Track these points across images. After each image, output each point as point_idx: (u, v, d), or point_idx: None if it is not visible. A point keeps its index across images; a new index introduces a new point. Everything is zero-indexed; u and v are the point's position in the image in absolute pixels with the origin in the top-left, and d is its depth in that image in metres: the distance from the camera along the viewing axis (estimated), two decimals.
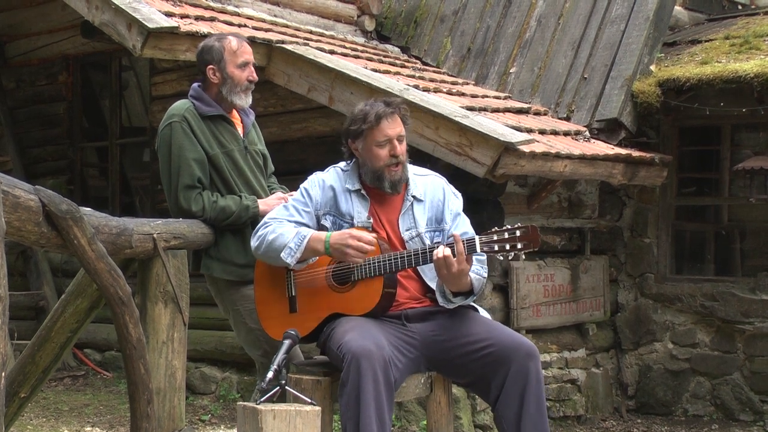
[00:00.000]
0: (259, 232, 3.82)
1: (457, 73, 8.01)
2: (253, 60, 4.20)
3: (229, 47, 4.11)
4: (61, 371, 8.16)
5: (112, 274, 3.08)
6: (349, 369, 3.42)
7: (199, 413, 7.00)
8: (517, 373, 3.59)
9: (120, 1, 6.16)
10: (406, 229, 3.79)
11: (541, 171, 6.12)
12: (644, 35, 7.19)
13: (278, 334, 3.70)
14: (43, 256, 8.71)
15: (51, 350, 3.53)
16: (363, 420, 3.39)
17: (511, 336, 3.72)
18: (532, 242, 3.51)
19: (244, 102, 4.16)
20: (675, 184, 7.51)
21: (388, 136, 3.71)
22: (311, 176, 3.91)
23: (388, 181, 3.75)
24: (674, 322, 7.35)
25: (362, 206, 3.79)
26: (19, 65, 9.43)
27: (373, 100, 3.82)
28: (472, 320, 3.76)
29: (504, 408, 3.62)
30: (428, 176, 3.93)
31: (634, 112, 7.10)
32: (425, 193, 3.84)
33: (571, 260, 7.16)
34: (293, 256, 3.69)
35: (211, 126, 4.08)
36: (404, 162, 3.77)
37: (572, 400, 7.07)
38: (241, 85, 4.12)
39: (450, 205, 3.86)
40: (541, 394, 3.62)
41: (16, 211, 2.71)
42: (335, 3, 8.47)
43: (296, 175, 6.99)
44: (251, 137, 4.25)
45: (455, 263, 3.53)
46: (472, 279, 3.68)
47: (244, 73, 4.12)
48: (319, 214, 3.83)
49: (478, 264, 3.72)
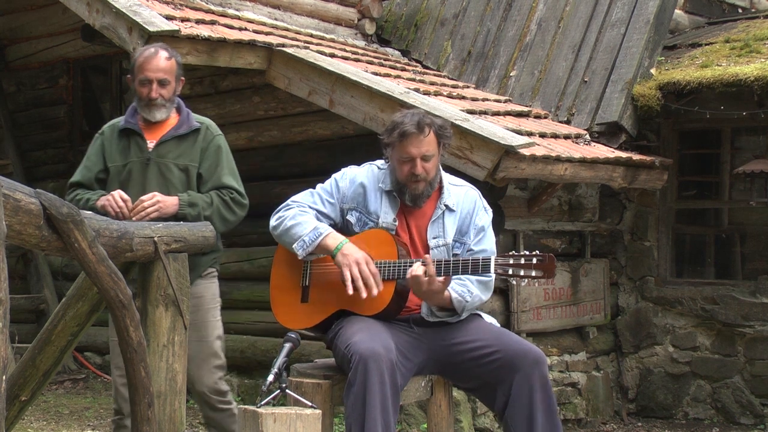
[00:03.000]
0: (280, 212, 3.84)
1: (457, 76, 8.02)
2: (160, 77, 4.11)
3: (137, 61, 4.14)
4: (61, 374, 8.16)
5: (113, 278, 3.07)
6: (356, 370, 3.42)
7: (199, 416, 6.99)
8: (525, 379, 3.60)
9: (121, 4, 6.17)
10: (433, 237, 3.78)
11: (541, 174, 6.12)
12: (644, 39, 7.19)
13: (287, 321, 3.74)
14: (43, 259, 8.71)
15: (52, 353, 3.51)
16: (368, 422, 3.39)
17: (519, 342, 3.72)
18: (546, 272, 3.51)
19: (150, 116, 4.15)
20: (675, 187, 7.51)
21: (410, 155, 3.69)
22: (345, 168, 3.91)
23: (409, 194, 3.76)
24: (675, 325, 7.35)
25: (391, 207, 3.79)
26: (19, 68, 9.44)
27: (411, 114, 3.77)
28: (479, 326, 3.77)
29: (513, 415, 3.62)
30: (463, 187, 3.92)
31: (634, 115, 7.10)
32: (458, 204, 3.83)
33: (572, 263, 7.15)
34: (305, 249, 3.70)
35: (123, 139, 4.19)
36: (427, 180, 3.74)
37: (573, 403, 7.06)
38: (142, 100, 4.15)
39: (476, 219, 3.84)
40: (551, 401, 3.62)
41: (17, 215, 2.69)
42: (336, 6, 8.48)
43: (296, 178, 7.06)
44: (163, 150, 4.16)
45: (425, 283, 3.54)
46: (452, 298, 3.68)
47: (143, 89, 4.12)
48: (345, 207, 3.83)
49: (465, 286, 3.72)
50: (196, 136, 4.17)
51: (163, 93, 4.11)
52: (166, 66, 4.13)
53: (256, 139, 7.44)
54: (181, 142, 4.15)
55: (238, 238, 7.34)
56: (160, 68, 4.11)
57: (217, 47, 6.36)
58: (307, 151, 7.20)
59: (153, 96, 4.09)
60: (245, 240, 7.26)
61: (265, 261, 4.13)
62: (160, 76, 4.09)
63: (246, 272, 7.39)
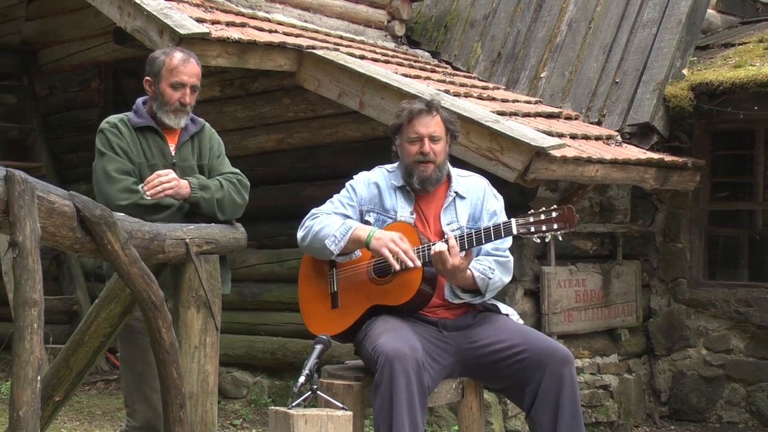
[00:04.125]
0: (306, 223, 3.88)
1: (487, 77, 7.99)
2: (194, 83, 3.96)
3: (169, 63, 3.92)
4: (94, 375, 8.20)
5: (145, 279, 3.08)
6: (382, 371, 3.44)
7: (231, 418, 7.01)
8: (552, 378, 3.60)
9: (152, 7, 6.19)
10: (447, 223, 3.83)
11: (572, 176, 6.09)
12: (676, 39, 7.13)
13: (320, 331, 3.73)
14: (76, 260, 8.77)
15: (85, 354, 3.53)
16: (396, 422, 3.40)
17: (546, 342, 3.73)
18: (568, 222, 3.57)
19: (173, 122, 3.94)
20: (708, 188, 7.44)
21: (419, 133, 3.77)
22: (357, 175, 3.99)
23: (417, 177, 3.80)
24: (708, 327, 7.28)
25: (406, 202, 3.85)
26: (52, 72, 9.52)
27: (418, 101, 3.91)
28: (506, 326, 3.77)
29: (539, 414, 3.63)
30: (471, 177, 4.01)
31: (666, 116, 7.04)
32: (468, 191, 3.89)
33: (603, 265, 7.11)
34: (337, 244, 3.72)
35: (140, 138, 3.96)
36: (437, 162, 3.79)
37: (604, 406, 7.01)
38: (170, 105, 3.92)
39: (488, 205, 3.89)
40: (576, 400, 3.63)
41: (51, 217, 2.71)
42: (365, 8, 8.47)
43: (326, 180, 7.05)
44: (184, 153, 4.02)
45: (449, 258, 3.56)
46: (474, 277, 3.70)
47: (176, 93, 3.91)
48: (363, 210, 3.88)
49: (486, 264, 3.74)
50: (202, 134, 4.10)
51: (192, 100, 4.01)
52: (198, 72, 4.03)
53: (286, 141, 7.45)
54: (193, 141, 4.06)
55: (268, 240, 7.36)
56: (194, 73, 3.98)
57: (248, 49, 6.37)
58: (337, 153, 7.20)
59: (187, 101, 3.94)
60: (275, 242, 7.28)
61: (296, 263, 4.13)
62: (194, 81, 3.97)
63: (276, 274, 7.40)
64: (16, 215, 2.51)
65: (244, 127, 7.50)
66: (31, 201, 2.54)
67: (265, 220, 7.13)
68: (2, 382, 7.96)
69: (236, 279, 7.16)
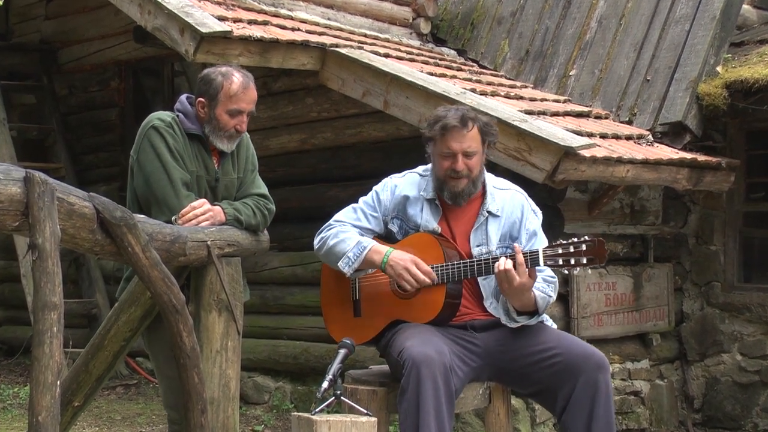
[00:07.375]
0: (322, 233, 3.80)
1: (515, 76, 7.87)
2: (251, 109, 3.78)
3: (228, 89, 3.72)
4: (113, 380, 8.15)
5: (166, 282, 3.06)
6: (409, 376, 3.38)
7: (252, 423, 6.93)
8: (587, 384, 3.52)
9: (173, 5, 6.13)
10: (476, 245, 3.70)
11: (602, 176, 5.97)
12: (710, 35, 6.97)
13: (341, 337, 3.66)
14: (95, 263, 8.74)
15: (104, 359, 3.56)
16: (422, 428, 3.35)
17: (581, 346, 3.66)
18: (597, 257, 3.46)
19: (225, 147, 3.77)
20: (743, 189, 7.27)
21: (451, 150, 3.62)
22: (385, 179, 3.85)
23: (449, 191, 3.68)
24: (743, 332, 7.12)
25: (433, 216, 3.72)
26: (71, 71, 9.48)
27: (455, 108, 3.69)
28: (540, 329, 3.70)
29: (571, 419, 3.55)
30: (508, 191, 3.82)
31: (699, 115, 6.89)
32: (503, 209, 3.74)
33: (634, 268, 6.96)
34: (350, 266, 3.67)
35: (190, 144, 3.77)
36: (470, 177, 3.65)
37: (636, 412, 6.87)
38: (225, 131, 3.74)
39: (527, 223, 3.75)
40: (610, 408, 3.55)
41: (71, 219, 2.69)
42: (390, 5, 8.38)
43: (350, 181, 6.96)
44: (226, 167, 3.86)
45: (516, 276, 3.44)
46: (536, 297, 3.60)
47: (233, 120, 3.73)
48: (387, 219, 3.78)
49: (544, 282, 3.65)
50: (240, 144, 3.90)
51: (246, 125, 3.82)
52: (256, 97, 3.84)
53: (309, 141, 7.36)
54: (233, 153, 3.88)
55: (291, 242, 7.26)
56: (253, 99, 3.80)
57: (270, 48, 6.29)
58: (362, 153, 7.11)
59: (242, 129, 3.77)
60: (298, 244, 7.17)
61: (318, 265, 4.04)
62: (252, 108, 3.80)
63: (299, 276, 7.31)
64: (36, 217, 2.49)
65: (267, 127, 7.42)
66: (50, 203, 2.52)
67: (288, 222, 7.02)
68: (21, 387, 7.91)
69: (258, 282, 7.14)
